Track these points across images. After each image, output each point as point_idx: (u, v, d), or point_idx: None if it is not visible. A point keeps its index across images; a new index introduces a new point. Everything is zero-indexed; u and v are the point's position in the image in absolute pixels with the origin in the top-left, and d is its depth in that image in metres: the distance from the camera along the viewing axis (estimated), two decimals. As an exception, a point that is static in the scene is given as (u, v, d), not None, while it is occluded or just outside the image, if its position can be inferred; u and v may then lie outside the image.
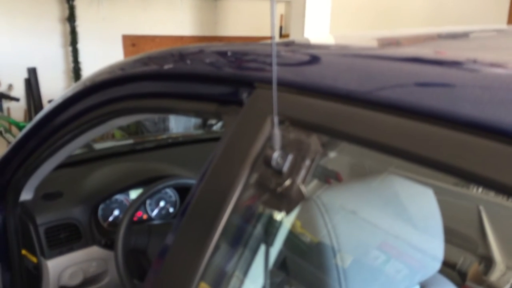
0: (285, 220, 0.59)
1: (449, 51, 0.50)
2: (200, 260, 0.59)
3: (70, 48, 6.01)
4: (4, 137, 4.39)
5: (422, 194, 0.92)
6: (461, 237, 1.33)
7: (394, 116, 0.44)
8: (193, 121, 4.70)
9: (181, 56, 0.81)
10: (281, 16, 7.32)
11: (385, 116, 0.45)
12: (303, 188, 0.49)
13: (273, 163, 0.50)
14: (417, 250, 0.90)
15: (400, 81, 0.46)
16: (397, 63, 0.49)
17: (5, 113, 5.44)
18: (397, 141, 0.43)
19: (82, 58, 6.08)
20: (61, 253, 1.46)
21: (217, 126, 3.71)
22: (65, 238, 1.48)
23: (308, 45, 0.68)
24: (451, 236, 1.18)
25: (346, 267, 0.80)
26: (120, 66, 0.96)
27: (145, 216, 1.66)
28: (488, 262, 1.26)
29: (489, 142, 0.37)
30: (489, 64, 0.44)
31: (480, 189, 1.34)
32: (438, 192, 0.91)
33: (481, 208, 1.31)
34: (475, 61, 0.44)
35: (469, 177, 0.38)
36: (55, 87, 5.85)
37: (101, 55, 6.09)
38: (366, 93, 0.47)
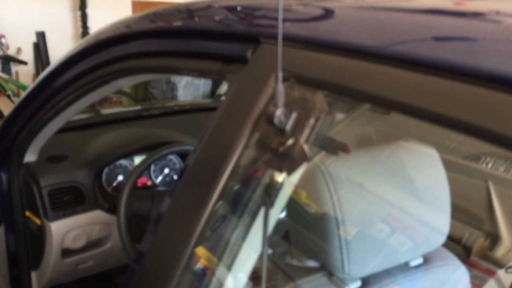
0: (286, 181, 0.57)
1: (470, 2, 0.46)
2: (197, 223, 0.58)
3: (79, 13, 5.95)
4: (12, 101, 4.39)
5: (430, 167, 0.90)
6: (468, 212, 1.31)
7: (410, 72, 0.41)
8: (201, 90, 4.67)
9: (188, 12, 0.78)
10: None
11: (400, 72, 0.42)
12: (306, 148, 0.47)
13: (276, 120, 0.47)
14: (423, 223, 0.89)
15: (417, 34, 0.42)
16: (413, 15, 0.46)
17: (14, 77, 5.44)
18: (413, 98, 0.40)
19: (90, 23, 6.02)
20: (64, 215, 1.46)
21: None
22: (69, 201, 1.48)
23: None
24: (458, 211, 1.17)
25: (350, 238, 0.78)
26: (125, 23, 0.93)
27: (149, 183, 1.66)
28: (494, 238, 1.25)
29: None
30: None
31: (489, 165, 1.32)
32: (446, 167, 0.89)
33: (490, 183, 1.29)
34: (497, 13, 0.41)
35: (491, 137, 0.35)
36: (63, 52, 5.79)
37: (110, 21, 6.00)
38: (380, 48, 0.44)
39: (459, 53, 0.38)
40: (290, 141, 0.48)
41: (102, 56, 0.98)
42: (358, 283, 0.82)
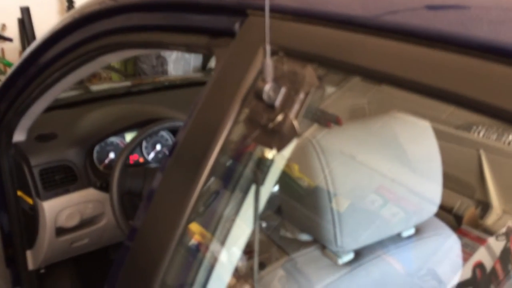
0: (277, 158, 0.57)
1: None
2: (188, 199, 0.57)
3: (63, -13, 5.79)
4: (-1, 79, 4.33)
5: (422, 137, 0.90)
6: (459, 181, 1.32)
7: (402, 43, 0.40)
8: (192, 64, 4.61)
9: None
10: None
11: (392, 43, 0.40)
12: (296, 124, 0.46)
13: (265, 96, 0.46)
14: (415, 193, 0.89)
15: (408, 4, 0.41)
16: None
17: None
18: (405, 70, 0.39)
19: (76, -3, 5.87)
20: (56, 194, 1.46)
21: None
22: (60, 180, 1.47)
23: None
24: (449, 180, 1.17)
25: (342, 211, 0.79)
26: None
27: (141, 160, 1.65)
28: (485, 206, 1.26)
29: (506, 68, 0.33)
30: None
31: (481, 134, 1.32)
32: (437, 136, 0.89)
33: (481, 152, 1.30)
34: None
35: (483, 109, 0.34)
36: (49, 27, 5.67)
37: (96, -6, 5.85)
38: (371, 18, 0.43)
39: (450, 23, 0.37)
40: (279, 117, 0.47)
41: (87, 31, 0.96)
42: (351, 255, 0.83)
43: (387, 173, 0.86)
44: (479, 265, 1.12)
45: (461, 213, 1.27)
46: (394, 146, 0.86)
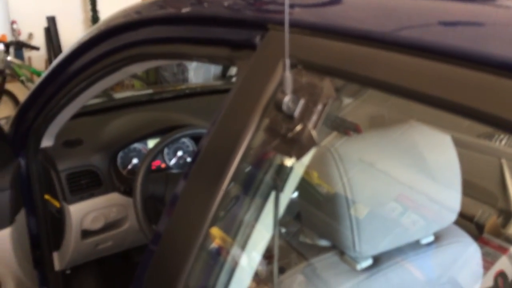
0: (296, 166, 0.58)
1: None
2: (211, 204, 0.60)
3: (88, -4, 5.93)
4: (26, 86, 4.44)
5: (442, 145, 0.90)
6: (481, 190, 1.31)
7: (417, 58, 0.41)
8: (212, 72, 4.66)
9: None
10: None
11: (407, 58, 0.42)
12: (314, 133, 0.48)
13: (284, 107, 0.49)
14: (434, 201, 0.89)
15: (424, 20, 0.42)
16: (421, 0, 0.46)
17: (26, 62, 5.48)
18: (420, 85, 0.40)
19: (100, 6, 6.00)
20: (82, 198, 1.50)
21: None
22: (86, 184, 1.52)
23: None
24: (471, 188, 1.17)
25: (361, 218, 0.80)
26: (136, 10, 0.94)
27: (163, 165, 1.68)
28: (507, 215, 1.25)
29: None
30: None
31: (503, 142, 1.31)
32: (459, 145, 0.89)
33: (503, 161, 1.28)
34: None
35: (498, 124, 0.35)
36: (74, 36, 5.77)
37: (120, 4, 5.97)
38: (387, 34, 0.44)
39: (467, 39, 0.38)
40: (298, 127, 0.49)
41: (113, 43, 0.99)
42: (370, 261, 0.84)
43: (406, 181, 0.86)
44: (501, 274, 1.11)
45: (483, 221, 1.25)
46: (414, 154, 0.87)
